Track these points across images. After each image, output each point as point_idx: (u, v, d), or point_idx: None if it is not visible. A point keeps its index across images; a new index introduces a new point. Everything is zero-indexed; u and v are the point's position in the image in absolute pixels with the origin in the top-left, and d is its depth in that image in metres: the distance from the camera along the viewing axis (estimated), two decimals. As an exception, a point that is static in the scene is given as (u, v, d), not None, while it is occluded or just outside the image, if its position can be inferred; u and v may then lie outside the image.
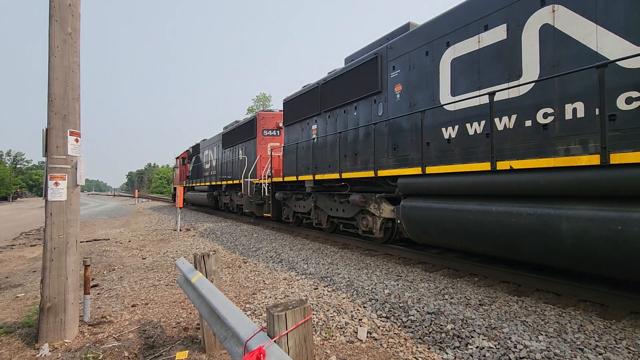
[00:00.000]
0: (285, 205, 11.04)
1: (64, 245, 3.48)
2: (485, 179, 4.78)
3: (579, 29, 4.09)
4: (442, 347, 3.11)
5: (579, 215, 3.76)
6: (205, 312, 2.69)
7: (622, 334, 3.20)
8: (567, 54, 4.19)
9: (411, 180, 6.00)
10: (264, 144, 13.35)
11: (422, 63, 6.10)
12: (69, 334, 3.46)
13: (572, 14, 4.17)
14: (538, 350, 2.87)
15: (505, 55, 4.83)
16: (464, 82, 5.35)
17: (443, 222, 5.31)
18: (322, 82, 9.08)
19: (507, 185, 4.51)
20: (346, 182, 8.06)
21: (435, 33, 5.86)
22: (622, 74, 3.70)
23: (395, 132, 6.62)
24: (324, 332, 3.48)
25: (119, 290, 5.20)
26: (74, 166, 3.60)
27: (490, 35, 5.02)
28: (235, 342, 2.07)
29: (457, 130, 5.40)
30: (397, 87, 6.64)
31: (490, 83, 4.97)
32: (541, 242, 4.09)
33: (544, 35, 4.42)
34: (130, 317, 4.09)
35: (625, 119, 3.66)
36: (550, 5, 4.35)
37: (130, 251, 8.41)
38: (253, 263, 6.71)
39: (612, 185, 3.56)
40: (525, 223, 4.20)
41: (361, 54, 7.99)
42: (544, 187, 4.12)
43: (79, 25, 3.72)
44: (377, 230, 7.07)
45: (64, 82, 3.54)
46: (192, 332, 3.63)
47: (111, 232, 12.11)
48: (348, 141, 7.88)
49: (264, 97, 43.21)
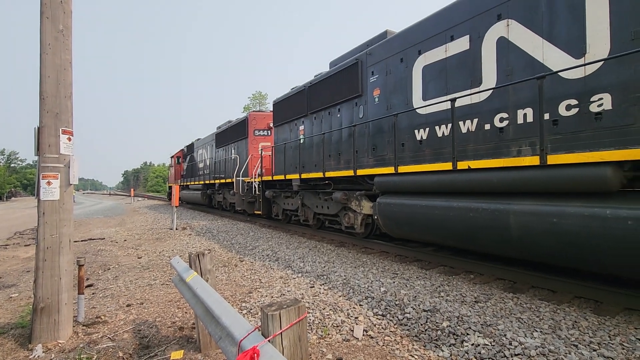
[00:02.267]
0: (275, 203, 11.40)
1: (57, 245, 3.45)
2: (448, 178, 5.21)
3: (529, 42, 4.53)
4: (438, 345, 3.12)
5: (523, 210, 4.24)
6: (200, 312, 2.67)
7: (616, 330, 3.22)
8: (519, 64, 4.62)
9: (386, 179, 6.42)
10: (255, 143, 13.63)
11: (397, 69, 6.52)
12: (62, 334, 3.43)
13: (523, 28, 4.59)
14: (533, 346, 2.88)
15: (468, 64, 5.24)
16: (434, 88, 5.77)
17: (413, 217, 5.77)
18: (309, 85, 9.44)
19: (466, 183, 4.97)
20: (330, 181, 8.46)
21: (409, 41, 6.27)
22: (563, 83, 4.13)
23: (374, 134, 7.02)
24: (320, 331, 3.48)
25: (114, 289, 5.17)
26: (66, 165, 3.56)
27: (455, 45, 5.43)
28: (230, 341, 2.05)
29: (427, 132, 5.81)
30: (375, 91, 7.05)
31: (456, 89, 5.37)
32: (494, 234, 4.57)
33: (500, 46, 4.85)
34: (125, 316, 4.07)
35: (565, 124, 4.10)
36: (505, 20, 4.78)
37: (126, 250, 8.36)
38: (249, 262, 6.69)
39: (549, 183, 4.04)
40: (481, 217, 4.68)
41: (344, 59, 8.41)
42: (497, 185, 4.58)
43: (70, 23, 3.68)
44: (358, 225, 7.53)
45: (56, 80, 3.50)
46: (187, 332, 3.61)
47: (106, 231, 12.03)
48: (332, 142, 8.28)
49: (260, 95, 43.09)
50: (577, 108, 4.02)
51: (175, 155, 26.74)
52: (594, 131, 3.88)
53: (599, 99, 3.86)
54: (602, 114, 3.83)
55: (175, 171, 26.64)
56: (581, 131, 3.97)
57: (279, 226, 11.49)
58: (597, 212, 3.60)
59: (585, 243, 3.71)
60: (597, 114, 3.87)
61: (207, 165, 19.01)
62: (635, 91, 3.61)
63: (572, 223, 3.77)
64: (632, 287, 4.04)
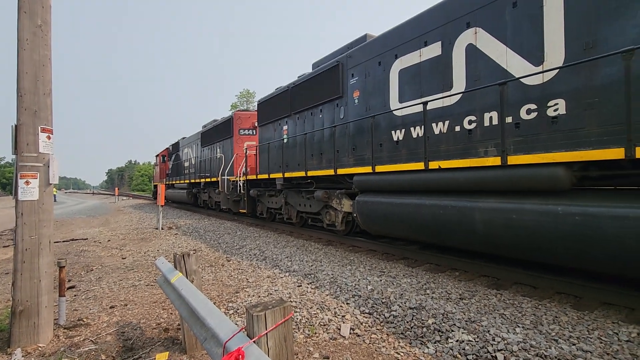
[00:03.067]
0: (260, 201, 11.67)
1: (37, 246, 3.35)
2: (421, 177, 5.51)
3: (494, 49, 4.78)
4: (424, 342, 3.16)
5: (487, 207, 4.57)
6: (185, 313, 2.64)
7: (595, 324, 3.32)
8: (485, 70, 4.88)
9: (364, 178, 6.70)
10: (240, 142, 13.72)
11: (376, 72, 6.74)
12: (43, 337, 3.34)
13: (489, 36, 4.85)
14: (515, 342, 2.94)
15: (440, 69, 5.48)
16: (409, 91, 6.02)
17: (389, 215, 6.06)
18: (292, 86, 9.61)
19: (437, 182, 5.27)
20: (312, 180, 8.70)
21: (386, 45, 6.50)
22: (524, 89, 4.40)
23: (354, 134, 7.26)
24: (307, 330, 3.48)
25: (97, 291, 5.06)
26: (46, 164, 3.46)
27: (429, 51, 5.68)
28: (215, 342, 2.04)
29: (404, 134, 6.07)
30: (355, 93, 7.28)
31: (429, 92, 5.61)
32: (461, 230, 4.89)
33: (468, 53, 5.10)
34: (108, 318, 3.99)
35: (526, 127, 4.38)
36: (474, 28, 5.02)
37: (110, 251, 8.19)
38: (236, 261, 6.65)
39: (510, 182, 4.37)
40: (449, 214, 5.00)
41: (326, 61, 8.60)
42: (463, 184, 4.90)
43: (49, 17, 3.57)
44: (339, 223, 7.87)
45: (34, 76, 3.39)
46: (172, 333, 3.56)
47: (89, 232, 11.76)
48: (314, 141, 8.50)
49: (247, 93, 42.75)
50: (536, 112, 4.30)
51: (160, 154, 26.50)
52: (550, 134, 4.16)
53: (555, 104, 4.14)
54: (558, 118, 4.11)
55: (160, 170, 26.40)
56: (540, 134, 4.26)
57: (267, 225, 11.45)
58: (551, 208, 3.94)
59: (540, 237, 4.02)
60: (553, 118, 4.15)
61: (192, 164, 19.01)
62: (586, 97, 3.89)
63: (529, 219, 4.10)
64: (610, 282, 4.17)
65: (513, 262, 5.19)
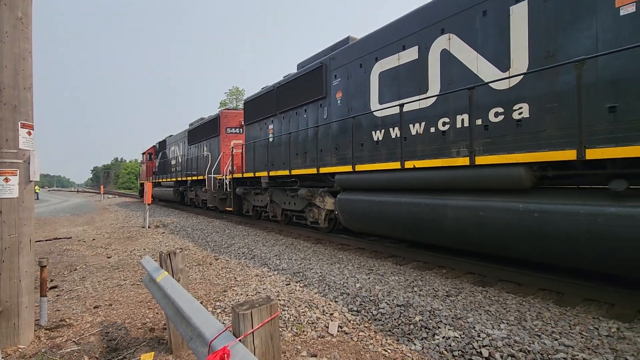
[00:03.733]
0: (246, 199, 11.85)
1: (16, 245, 3.25)
2: (398, 176, 5.75)
3: (466, 55, 5.03)
4: (410, 339, 3.19)
5: (457, 204, 4.82)
6: (171, 312, 2.60)
7: (576, 320, 3.40)
8: (458, 74, 5.11)
9: (345, 177, 6.91)
10: (227, 141, 13.84)
11: (357, 74, 6.94)
12: (23, 339, 3.25)
13: (461, 42, 5.09)
14: (500, 338, 2.99)
15: (417, 72, 5.71)
16: (388, 93, 6.24)
17: (369, 212, 6.30)
18: (278, 85, 9.77)
19: (412, 181, 5.52)
20: (296, 178, 8.89)
21: (367, 48, 6.71)
22: (492, 93, 4.66)
23: (337, 134, 7.47)
24: (295, 328, 3.48)
25: (80, 291, 4.96)
26: (26, 161, 3.36)
27: (407, 55, 5.89)
28: (201, 342, 2.01)
29: (383, 134, 6.30)
30: (338, 93, 7.48)
31: (407, 95, 5.82)
32: (435, 226, 5.14)
33: (443, 57, 5.33)
34: (92, 319, 3.90)
35: (494, 129, 4.64)
36: (447, 34, 5.25)
37: (94, 250, 8.03)
38: (225, 260, 6.59)
39: (477, 181, 4.65)
40: (423, 211, 5.26)
41: (311, 62, 8.76)
42: (437, 182, 5.14)
43: (30, 10, 3.46)
44: (322, 220, 8.09)
45: (14, 70, 3.29)
46: (158, 333, 3.51)
47: (74, 230, 11.51)
48: (299, 141, 8.69)
49: (237, 90, 42.41)
50: (503, 115, 4.57)
51: (147, 152, 26.28)
52: (516, 136, 4.43)
53: (520, 108, 4.41)
54: (522, 121, 4.38)
55: (147, 168, 26.17)
56: (506, 136, 4.53)
57: (255, 223, 11.40)
58: (513, 206, 4.23)
59: (505, 233, 4.32)
60: (517, 121, 4.42)
61: (179, 162, 19.00)
62: (546, 102, 4.16)
63: (495, 216, 4.40)
64: (591, 279, 4.28)
65: (499, 260, 5.28)
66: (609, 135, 3.66)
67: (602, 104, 3.73)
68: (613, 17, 3.69)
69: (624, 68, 3.60)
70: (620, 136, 3.58)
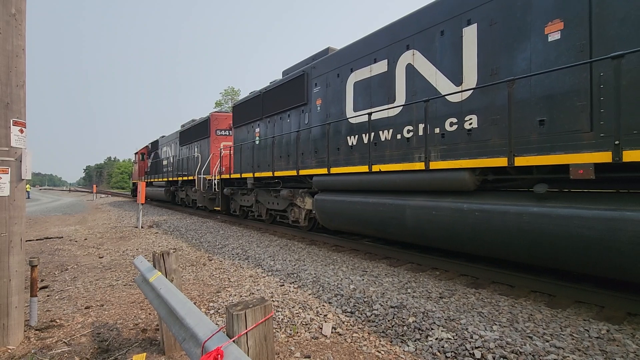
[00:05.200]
0: (233, 199, 12.29)
1: (6, 244, 3.21)
2: (366, 178, 6.26)
3: (427, 69, 5.51)
4: (404, 340, 3.20)
5: (415, 204, 5.38)
6: (164, 313, 2.58)
7: (567, 322, 3.44)
8: (420, 87, 5.59)
9: (322, 179, 7.43)
10: (217, 143, 14.21)
11: (335, 83, 7.44)
12: (12, 339, 3.20)
13: (423, 58, 5.58)
14: (492, 339, 3.01)
15: (386, 84, 6.19)
16: (361, 101, 6.72)
17: (342, 211, 6.84)
18: (264, 91, 10.25)
19: (379, 183, 6.03)
20: (279, 180, 9.37)
21: (344, 60, 7.21)
22: (449, 105, 5.16)
23: (316, 139, 7.96)
24: (289, 329, 3.47)
25: (71, 291, 4.90)
26: (18, 159, 3.32)
27: (377, 67, 6.39)
28: (194, 342, 2.00)
29: (357, 139, 6.76)
30: (318, 100, 7.97)
31: (378, 103, 6.32)
32: (396, 224, 5.68)
33: (408, 71, 5.82)
34: (83, 319, 3.86)
35: (450, 137, 5.15)
36: (412, 50, 5.76)
37: (86, 250, 7.94)
38: (218, 260, 6.56)
39: (431, 184, 5.20)
40: (387, 210, 5.78)
41: (295, 69, 9.27)
42: (399, 184, 5.69)
43: (24, 6, 3.42)
44: (302, 219, 8.56)
45: (7, 67, 3.25)
46: (151, 334, 3.48)
47: (65, 230, 11.37)
48: (282, 144, 9.17)
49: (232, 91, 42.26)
50: (457, 125, 5.07)
51: (139, 152, 26.58)
52: (467, 144, 4.93)
53: (470, 119, 4.91)
54: (472, 131, 4.88)
55: (139, 168, 26.51)
56: (459, 143, 5.02)
57: (250, 224, 11.37)
58: (459, 206, 4.76)
59: (453, 230, 4.84)
60: (468, 130, 4.92)
61: (170, 162, 19.37)
62: (491, 114, 4.65)
63: (444, 214, 4.93)
64: (582, 281, 4.33)
65: (491, 262, 5.32)
66: (540, 145, 4.16)
67: (534, 117, 4.22)
68: (543, 42, 4.19)
69: (552, 86, 4.09)
70: (548, 146, 4.08)
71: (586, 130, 3.80)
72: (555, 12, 4.09)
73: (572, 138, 3.90)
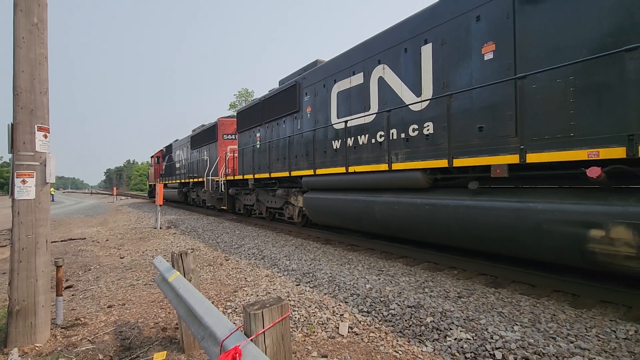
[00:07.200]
0: (237, 199, 13.41)
1: (33, 245, 3.33)
2: (345, 178, 7.13)
3: (394, 82, 6.22)
4: (422, 340, 3.16)
5: (381, 200, 6.20)
6: (183, 312, 2.63)
7: (592, 322, 3.32)
8: (389, 97, 6.32)
9: (309, 179, 8.31)
10: (224, 146, 15.29)
11: (322, 92, 8.22)
12: (40, 337, 3.33)
13: (391, 72, 6.29)
14: (513, 340, 2.94)
15: (363, 94, 6.93)
16: (343, 109, 7.48)
17: (326, 208, 7.72)
18: (263, 99, 11.12)
19: (354, 182, 6.88)
20: (276, 180, 10.27)
21: (329, 72, 8.00)
22: (412, 113, 5.85)
23: (307, 143, 8.70)
24: (306, 329, 3.48)
25: (94, 290, 5.05)
26: (42, 163, 3.44)
27: (356, 79, 7.15)
28: (212, 341, 2.03)
29: (340, 143, 7.51)
30: (308, 108, 8.76)
31: (356, 111, 7.08)
32: (368, 218, 6.54)
33: (379, 83, 6.56)
34: (106, 318, 3.97)
35: (412, 142, 5.81)
36: (383, 64, 6.48)
37: (108, 250, 8.17)
38: (235, 260, 6.64)
39: (393, 182, 6.03)
40: (361, 206, 6.65)
41: (289, 79, 10.06)
42: (369, 183, 6.55)
43: (46, 15, 3.54)
44: (296, 216, 9.61)
45: (31, 74, 3.37)
46: (170, 332, 3.55)
47: (87, 231, 11.73)
48: (279, 148, 10.00)
49: (246, 92, 42.67)
50: (418, 131, 5.74)
51: (155, 155, 28.04)
52: (426, 147, 5.57)
53: (427, 125, 5.59)
54: (429, 136, 5.54)
55: (155, 170, 27.97)
56: (420, 147, 5.67)
57: (266, 224, 11.48)
58: (414, 201, 5.55)
59: (410, 221, 5.66)
60: (427, 135, 5.58)
61: (183, 165, 20.55)
62: (442, 122, 5.26)
63: (404, 208, 5.74)
64: (607, 280, 4.18)
65: (511, 261, 5.20)
66: (479, 148, 4.78)
67: (475, 124, 4.87)
68: (480, 60, 4.84)
69: (488, 98, 4.73)
70: (485, 149, 4.71)
71: (513, 136, 4.43)
72: (488, 35, 4.74)
73: (503, 142, 4.54)
